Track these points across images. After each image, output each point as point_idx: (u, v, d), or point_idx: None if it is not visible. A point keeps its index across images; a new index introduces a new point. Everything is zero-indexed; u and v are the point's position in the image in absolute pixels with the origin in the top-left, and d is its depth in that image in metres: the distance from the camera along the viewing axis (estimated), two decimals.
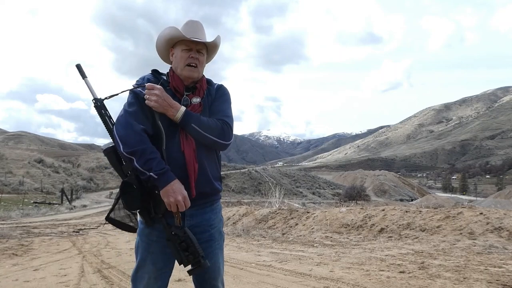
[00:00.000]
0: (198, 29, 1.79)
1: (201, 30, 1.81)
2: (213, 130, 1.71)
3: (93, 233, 9.62)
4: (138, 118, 1.65)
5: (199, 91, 1.79)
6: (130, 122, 1.63)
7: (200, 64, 1.78)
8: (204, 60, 1.83)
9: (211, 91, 1.86)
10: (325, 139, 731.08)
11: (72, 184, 38.23)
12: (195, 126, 1.68)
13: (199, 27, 1.80)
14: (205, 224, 1.76)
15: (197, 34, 1.77)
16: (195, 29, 1.79)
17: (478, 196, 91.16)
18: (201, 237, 1.72)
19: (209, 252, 1.75)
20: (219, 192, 1.86)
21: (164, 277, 1.73)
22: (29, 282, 4.18)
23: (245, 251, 6.41)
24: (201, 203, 1.74)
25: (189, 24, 1.79)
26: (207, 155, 1.77)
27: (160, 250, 1.70)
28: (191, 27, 1.78)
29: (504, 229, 6.06)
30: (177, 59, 1.78)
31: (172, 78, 1.79)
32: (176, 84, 1.77)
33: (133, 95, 1.72)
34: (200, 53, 1.78)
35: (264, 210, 10.82)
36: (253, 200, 34.78)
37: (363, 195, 55.21)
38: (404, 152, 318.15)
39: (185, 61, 1.75)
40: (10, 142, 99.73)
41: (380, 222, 7.72)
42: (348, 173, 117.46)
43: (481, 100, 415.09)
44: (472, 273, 4.08)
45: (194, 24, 1.80)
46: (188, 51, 1.76)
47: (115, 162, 1.68)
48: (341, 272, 4.42)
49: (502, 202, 32.42)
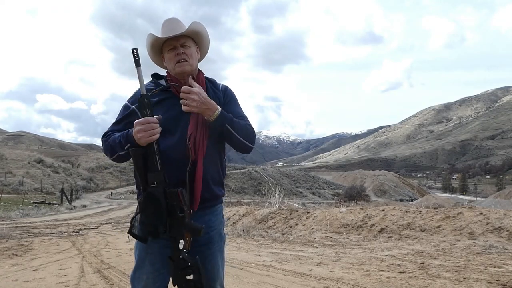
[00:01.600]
0: (174, 25, 1.76)
1: (178, 24, 1.77)
2: (245, 133, 1.71)
3: (93, 233, 9.61)
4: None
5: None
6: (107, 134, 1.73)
7: (189, 57, 1.74)
8: (194, 52, 1.78)
9: (218, 94, 1.83)
10: (325, 139, 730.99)
11: (72, 184, 38.20)
12: (229, 127, 1.65)
13: (175, 22, 1.77)
14: (205, 226, 1.72)
15: (174, 30, 1.74)
16: (171, 26, 1.76)
17: (478, 196, 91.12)
18: (200, 239, 1.70)
19: (207, 254, 1.74)
20: (220, 197, 1.82)
21: (163, 278, 1.71)
22: (29, 282, 4.18)
23: (245, 251, 6.41)
24: (200, 207, 1.70)
25: (165, 24, 1.77)
26: (210, 158, 1.72)
27: (158, 251, 1.68)
28: (167, 26, 1.76)
29: (504, 229, 6.06)
30: (168, 61, 1.78)
31: (172, 82, 1.78)
32: (176, 87, 1.74)
33: (123, 111, 1.77)
34: (186, 46, 1.75)
35: (264, 210, 10.81)
36: (253, 200, 34.76)
37: (363, 195, 55.25)
38: (404, 152, 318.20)
39: (174, 60, 1.74)
40: (10, 142, 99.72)
41: (380, 222, 7.72)
42: (348, 173, 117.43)
43: (481, 100, 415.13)
44: (472, 273, 4.08)
45: (169, 22, 1.77)
46: (173, 49, 1.74)
47: (140, 166, 1.55)
48: (341, 272, 4.41)
49: (502, 202, 32.40)
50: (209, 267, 1.74)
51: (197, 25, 1.77)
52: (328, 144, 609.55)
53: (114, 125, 1.76)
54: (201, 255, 1.73)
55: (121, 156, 1.67)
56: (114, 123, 1.78)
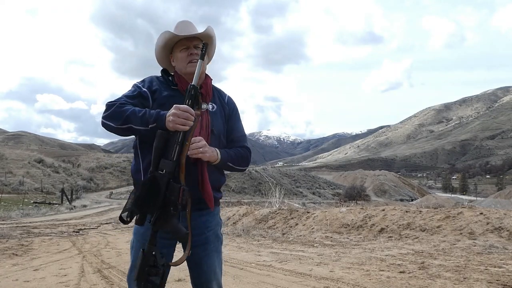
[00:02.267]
0: (189, 27, 1.80)
1: (192, 27, 1.81)
2: (241, 161, 1.82)
3: (93, 233, 9.61)
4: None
5: (205, 97, 1.78)
6: (120, 102, 1.65)
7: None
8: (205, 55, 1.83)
9: (223, 104, 1.88)
10: (325, 139, 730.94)
11: (72, 184, 38.20)
12: (230, 164, 1.77)
13: (189, 25, 1.81)
14: (201, 227, 1.74)
15: (189, 31, 1.78)
16: (186, 27, 1.80)
17: (478, 196, 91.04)
18: (196, 240, 1.70)
19: (204, 255, 1.74)
20: (217, 200, 1.84)
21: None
22: (29, 282, 4.18)
23: (245, 251, 6.41)
24: (197, 208, 1.70)
25: (179, 25, 1.80)
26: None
27: None
28: (182, 27, 1.79)
29: (504, 229, 6.06)
30: (179, 61, 1.79)
31: (179, 81, 1.79)
32: (184, 86, 1.74)
33: (136, 89, 1.76)
34: (198, 48, 1.77)
35: (264, 210, 10.82)
36: (253, 200, 34.77)
37: (363, 195, 55.23)
38: (404, 152, 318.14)
39: (186, 59, 1.76)
40: (10, 142, 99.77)
41: (380, 222, 7.72)
42: (348, 173, 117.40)
43: (481, 100, 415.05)
44: (472, 273, 4.08)
45: (184, 23, 1.81)
46: (187, 49, 1.77)
47: (160, 147, 1.51)
48: (341, 272, 4.42)
49: (502, 202, 32.42)
50: (205, 268, 1.74)
51: (211, 30, 1.81)
52: (328, 144, 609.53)
53: (127, 98, 1.69)
54: (197, 256, 1.74)
55: (133, 129, 1.60)
56: (127, 96, 1.70)
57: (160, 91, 1.75)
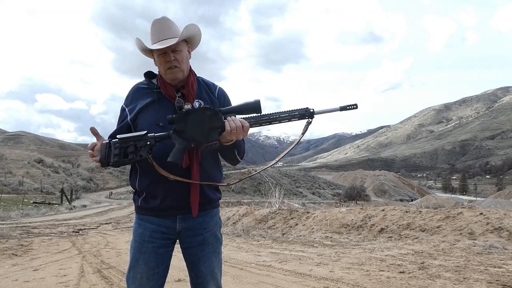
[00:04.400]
0: (164, 28, 1.67)
1: (169, 27, 1.68)
2: (239, 152, 1.77)
3: (92, 233, 9.61)
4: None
5: (187, 97, 1.71)
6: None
7: (181, 63, 1.67)
8: (185, 55, 1.70)
9: (212, 98, 1.80)
10: (325, 139, 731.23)
11: (72, 184, 38.17)
12: (236, 150, 1.73)
13: (165, 25, 1.68)
14: (199, 228, 1.73)
15: (165, 34, 1.66)
16: (162, 29, 1.67)
17: (478, 196, 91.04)
18: (194, 241, 1.71)
19: (201, 256, 1.73)
20: (216, 201, 1.82)
21: (157, 277, 1.70)
22: (29, 282, 4.18)
23: (245, 251, 6.41)
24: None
25: (154, 27, 1.68)
26: (206, 163, 1.73)
27: (152, 250, 1.68)
28: (157, 30, 1.67)
29: (504, 229, 6.06)
30: (158, 64, 1.71)
31: (162, 84, 1.73)
32: (166, 89, 1.72)
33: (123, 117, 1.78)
34: (177, 51, 1.66)
35: (264, 210, 10.81)
36: (253, 200, 34.77)
37: (363, 195, 55.19)
38: (404, 152, 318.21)
39: (164, 66, 1.67)
40: (9, 142, 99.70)
41: (380, 222, 7.72)
42: (348, 173, 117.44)
43: (481, 100, 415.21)
44: (472, 273, 4.07)
45: (158, 24, 1.68)
46: (164, 54, 1.66)
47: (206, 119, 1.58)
48: (341, 272, 4.41)
49: (502, 202, 32.39)
50: (202, 269, 1.73)
51: (189, 30, 1.68)
52: (328, 144, 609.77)
53: (119, 132, 1.73)
54: (195, 257, 1.73)
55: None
56: (117, 131, 1.74)
57: (137, 103, 1.74)
